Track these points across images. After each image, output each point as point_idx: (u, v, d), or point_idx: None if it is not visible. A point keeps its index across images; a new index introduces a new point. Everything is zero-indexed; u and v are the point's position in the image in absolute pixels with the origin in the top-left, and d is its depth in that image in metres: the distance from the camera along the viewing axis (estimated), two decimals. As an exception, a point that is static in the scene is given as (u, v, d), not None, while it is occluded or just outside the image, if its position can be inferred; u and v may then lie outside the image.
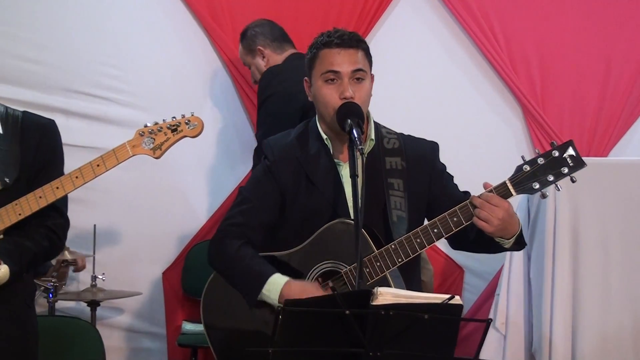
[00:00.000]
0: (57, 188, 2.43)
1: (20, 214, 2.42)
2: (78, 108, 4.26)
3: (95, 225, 3.99)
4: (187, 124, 2.49)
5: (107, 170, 2.45)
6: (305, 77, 2.61)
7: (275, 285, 2.42)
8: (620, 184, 3.70)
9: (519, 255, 3.77)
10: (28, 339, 2.56)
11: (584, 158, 2.30)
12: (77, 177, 2.43)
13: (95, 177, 2.45)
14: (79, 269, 4.06)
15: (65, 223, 2.61)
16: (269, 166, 2.63)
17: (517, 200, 3.81)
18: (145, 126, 2.49)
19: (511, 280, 3.78)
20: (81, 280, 4.26)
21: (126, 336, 4.40)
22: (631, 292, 3.65)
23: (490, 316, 3.86)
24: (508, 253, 3.78)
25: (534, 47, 4.59)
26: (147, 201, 4.37)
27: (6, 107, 2.55)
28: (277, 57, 4.04)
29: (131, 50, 4.37)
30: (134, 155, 2.47)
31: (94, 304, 3.92)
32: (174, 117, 2.50)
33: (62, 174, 2.53)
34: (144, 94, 4.36)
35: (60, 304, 4.17)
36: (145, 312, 4.41)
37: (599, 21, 4.61)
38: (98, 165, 2.44)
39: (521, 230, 2.42)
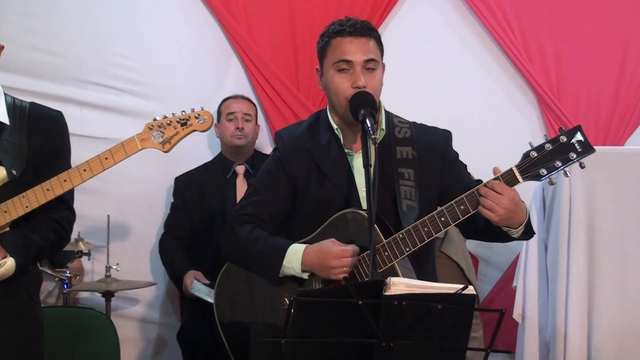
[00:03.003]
0: (65, 181, 2.41)
1: (27, 207, 2.40)
2: (92, 99, 4.27)
3: (109, 216, 4.00)
4: (196, 118, 2.47)
5: (115, 164, 2.44)
6: (316, 66, 2.60)
7: (296, 255, 2.43)
8: (637, 174, 3.66)
9: (535, 246, 3.74)
10: (32, 334, 2.52)
11: (598, 147, 2.26)
12: (84, 170, 2.42)
13: (104, 170, 2.44)
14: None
15: (72, 215, 2.59)
16: (280, 158, 2.62)
17: (532, 190, 3.79)
18: (155, 120, 2.47)
19: (528, 271, 3.75)
20: (95, 271, 4.28)
21: (140, 326, 4.41)
22: (648, 282, 3.61)
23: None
24: (524, 244, 3.75)
25: (549, 36, 4.55)
26: (161, 192, 4.38)
27: (13, 98, 2.53)
28: None
29: (145, 42, 4.37)
30: (142, 149, 2.46)
31: (108, 295, 3.93)
32: (183, 111, 2.49)
33: (69, 166, 2.52)
34: (158, 85, 4.36)
35: (75, 295, 4.19)
36: (159, 302, 4.42)
37: (616, 10, 4.56)
38: (106, 159, 2.43)
39: (529, 218, 2.39)
